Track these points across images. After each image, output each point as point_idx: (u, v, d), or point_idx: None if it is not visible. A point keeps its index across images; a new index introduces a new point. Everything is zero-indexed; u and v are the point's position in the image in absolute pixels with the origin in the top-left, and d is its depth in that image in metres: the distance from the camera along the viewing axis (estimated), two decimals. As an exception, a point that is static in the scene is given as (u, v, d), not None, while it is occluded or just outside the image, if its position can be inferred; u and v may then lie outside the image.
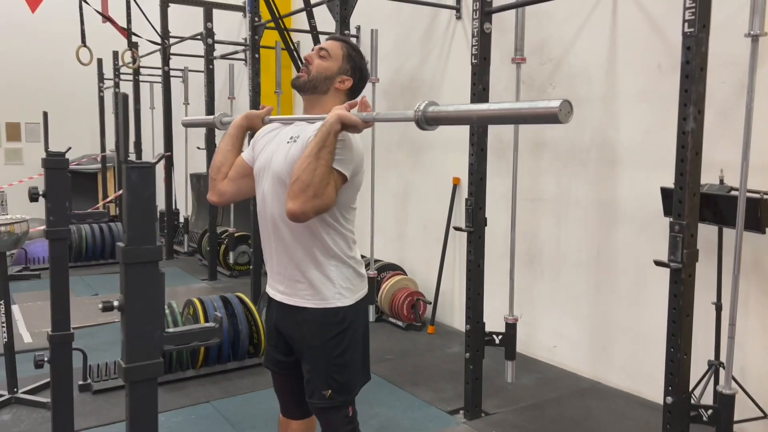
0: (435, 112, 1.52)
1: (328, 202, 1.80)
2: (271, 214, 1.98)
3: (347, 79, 2.04)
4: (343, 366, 1.99)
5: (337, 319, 1.96)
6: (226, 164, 2.11)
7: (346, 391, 2.00)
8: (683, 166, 2.28)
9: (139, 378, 1.30)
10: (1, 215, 5.44)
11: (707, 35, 2.24)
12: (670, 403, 2.36)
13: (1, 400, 3.40)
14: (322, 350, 1.97)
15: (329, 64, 2.01)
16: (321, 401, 1.97)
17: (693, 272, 2.33)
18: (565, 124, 1.23)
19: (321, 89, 2.00)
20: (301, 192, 1.75)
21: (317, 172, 1.75)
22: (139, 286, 1.29)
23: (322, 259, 1.95)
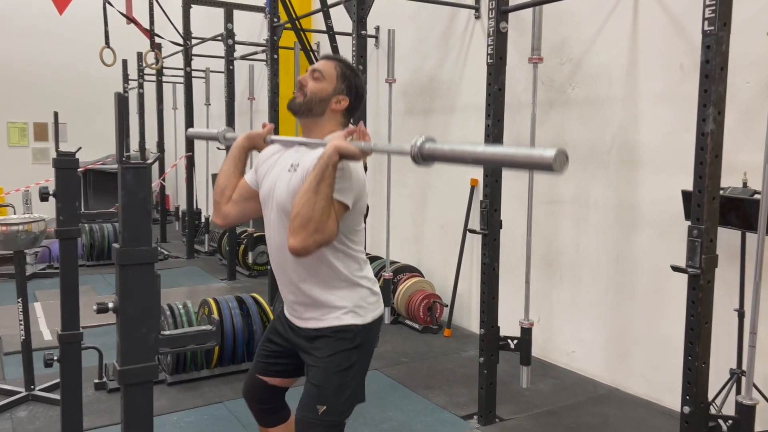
0: (431, 149, 1.50)
1: (329, 235, 1.78)
2: (279, 243, 1.97)
3: (343, 99, 2.01)
4: (344, 386, 1.93)
5: (349, 336, 1.93)
6: (229, 186, 2.11)
7: (338, 412, 1.92)
8: (702, 169, 2.20)
9: (134, 381, 1.28)
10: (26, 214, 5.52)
11: (728, 34, 2.17)
12: (687, 412, 2.28)
13: (18, 397, 3.44)
14: (329, 364, 1.92)
15: (324, 86, 1.98)
16: (313, 415, 1.89)
17: (712, 278, 2.26)
18: (560, 173, 1.20)
19: (317, 111, 1.97)
20: (302, 228, 1.73)
21: (317, 206, 1.73)
22: (134, 288, 1.27)
23: (333, 282, 1.93)
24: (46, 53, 10.51)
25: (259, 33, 7.72)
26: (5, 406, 3.36)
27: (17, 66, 10.39)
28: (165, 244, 8.32)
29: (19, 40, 10.35)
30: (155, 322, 1.29)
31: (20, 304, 3.42)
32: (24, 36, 10.36)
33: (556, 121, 4.04)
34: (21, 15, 10.29)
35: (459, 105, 4.88)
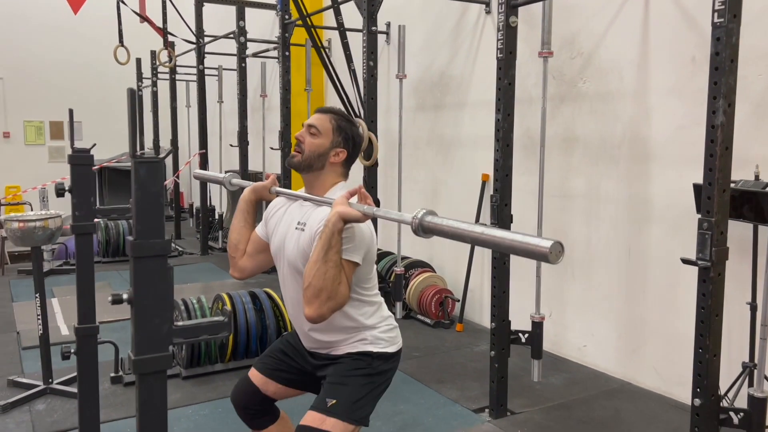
0: (431, 223, 1.55)
1: (342, 300, 1.84)
2: (292, 297, 2.05)
3: (341, 151, 2.05)
4: (357, 390, 1.96)
5: (367, 359, 1.98)
6: (242, 241, 2.17)
7: (345, 412, 1.92)
8: (712, 161, 2.20)
9: (149, 370, 1.32)
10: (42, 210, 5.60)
11: (738, 26, 2.16)
12: (698, 405, 2.29)
13: (37, 390, 3.50)
14: (347, 374, 1.97)
15: (321, 141, 2.02)
16: (323, 406, 1.92)
17: (722, 271, 2.25)
18: (555, 264, 1.25)
19: (317, 166, 2.03)
20: (315, 297, 1.80)
21: (327, 275, 1.78)
22: (148, 280, 1.30)
23: (351, 328, 1.99)
24: (62, 52, 10.63)
25: (270, 30, 7.76)
26: (24, 399, 3.42)
27: (33, 65, 10.51)
28: (179, 241, 8.39)
29: (34, 39, 10.48)
30: (168, 313, 1.32)
31: (38, 299, 3.48)
32: (39, 35, 10.48)
33: (566, 116, 4.04)
34: (36, 14, 10.41)
35: (470, 100, 4.89)
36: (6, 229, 3.40)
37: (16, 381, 3.65)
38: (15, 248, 7.23)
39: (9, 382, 3.66)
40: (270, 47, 7.12)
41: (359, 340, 2.00)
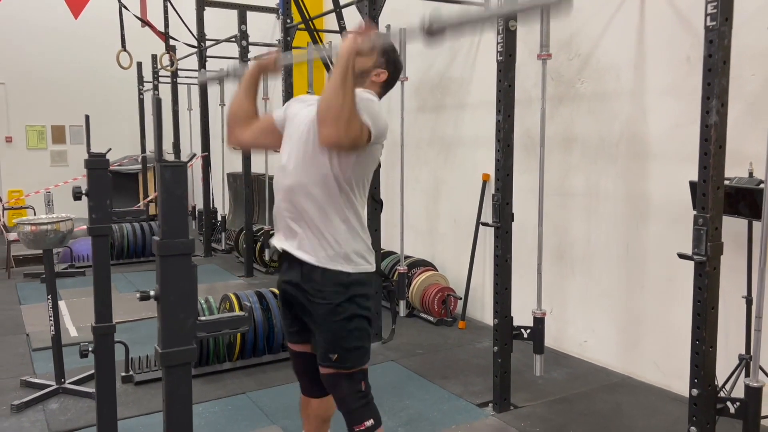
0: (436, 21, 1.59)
1: (360, 138, 1.93)
2: (295, 175, 2.09)
3: (383, 72, 2.15)
4: (349, 333, 2.08)
5: (343, 284, 2.06)
6: (240, 111, 2.24)
7: (351, 359, 2.08)
8: (707, 159, 2.28)
9: (175, 363, 1.39)
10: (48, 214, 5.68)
11: (730, 28, 2.24)
12: (695, 395, 2.37)
13: (50, 390, 3.57)
14: (329, 317, 2.07)
15: (365, 59, 2.09)
16: (328, 364, 2.06)
17: (718, 265, 2.33)
18: None
19: (358, 82, 2.07)
20: (335, 119, 1.86)
21: (346, 101, 1.87)
22: (174, 277, 1.38)
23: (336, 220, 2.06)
24: (63, 57, 10.70)
25: (271, 33, 7.84)
26: (37, 399, 3.49)
27: (34, 70, 10.58)
28: (182, 243, 8.46)
29: (35, 44, 10.55)
30: (193, 308, 1.40)
31: (50, 300, 3.55)
32: (40, 40, 10.55)
33: (565, 116, 4.12)
34: (37, 19, 10.48)
35: (470, 101, 4.97)
36: (18, 233, 3.47)
37: (28, 381, 3.72)
38: (20, 252, 7.30)
39: (22, 383, 3.73)
40: (272, 51, 7.19)
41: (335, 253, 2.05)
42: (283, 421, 3.26)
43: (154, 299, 1.40)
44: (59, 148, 11.07)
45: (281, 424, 3.22)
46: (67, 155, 11.12)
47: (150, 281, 5.79)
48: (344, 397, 2.14)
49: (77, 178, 10.42)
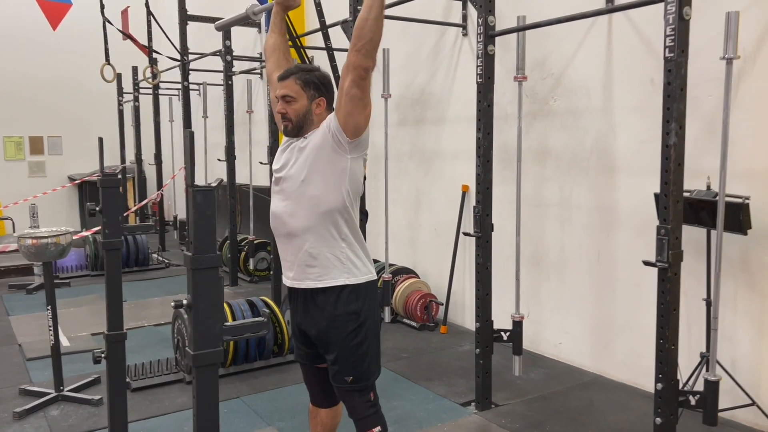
0: None
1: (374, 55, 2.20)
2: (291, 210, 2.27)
3: (320, 100, 2.32)
4: (361, 357, 2.28)
5: (351, 309, 2.26)
6: (277, 44, 2.57)
7: (363, 379, 2.29)
8: (667, 176, 2.54)
9: (205, 363, 1.58)
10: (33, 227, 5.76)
11: (686, 59, 2.50)
12: (660, 389, 2.61)
13: (49, 398, 3.70)
14: (341, 343, 2.27)
15: (300, 104, 2.27)
16: (344, 385, 2.26)
17: (678, 271, 2.59)
18: None
19: (308, 123, 2.30)
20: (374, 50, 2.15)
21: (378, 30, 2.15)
22: (204, 288, 1.57)
23: (333, 242, 2.25)
24: (41, 67, 10.72)
25: (252, 47, 8.02)
26: (38, 406, 3.62)
27: (12, 80, 10.58)
28: (164, 253, 8.56)
29: (13, 54, 10.55)
30: (220, 315, 1.59)
31: (50, 311, 3.68)
32: (18, 51, 10.56)
33: (540, 131, 4.38)
34: (15, 30, 10.49)
35: (449, 116, 5.21)
36: (20, 246, 3.60)
37: (27, 390, 3.84)
38: (1, 263, 7.34)
39: (20, 391, 3.84)
40: (256, 65, 7.36)
41: (335, 266, 2.25)
42: (277, 422, 3.44)
43: (186, 308, 1.59)
44: (37, 159, 11.06)
45: (276, 426, 3.40)
46: (45, 166, 11.11)
47: (136, 291, 5.96)
48: (355, 406, 2.34)
49: (56, 189, 10.44)
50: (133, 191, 10.78)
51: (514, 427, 3.34)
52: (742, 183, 3.25)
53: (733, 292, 3.35)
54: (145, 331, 5.12)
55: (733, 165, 3.30)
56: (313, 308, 2.30)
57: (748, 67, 3.22)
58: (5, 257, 7.48)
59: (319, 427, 2.59)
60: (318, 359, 2.44)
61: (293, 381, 3.97)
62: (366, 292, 2.32)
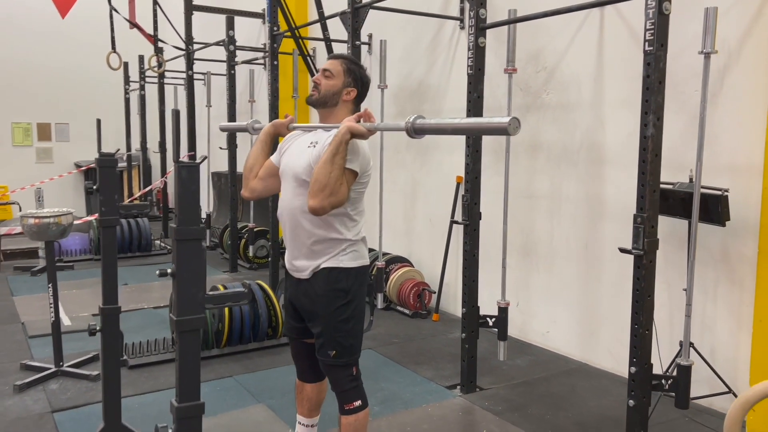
0: (421, 124, 1.92)
1: (342, 198, 2.23)
2: (291, 207, 2.40)
3: (352, 90, 2.45)
4: (347, 332, 2.39)
5: (340, 286, 2.36)
6: (256, 165, 2.55)
7: (346, 354, 2.39)
8: (644, 166, 2.62)
9: (187, 328, 1.69)
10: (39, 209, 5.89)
11: (665, 53, 2.58)
12: (633, 372, 2.71)
13: (49, 372, 3.82)
14: (328, 317, 2.37)
15: (334, 82, 2.41)
16: (327, 359, 2.37)
17: (654, 258, 2.67)
18: (514, 135, 1.61)
19: (331, 103, 2.41)
20: (320, 191, 2.17)
21: (332, 174, 2.17)
22: (187, 258, 1.67)
23: (333, 240, 2.36)
24: (49, 55, 10.85)
25: (256, 37, 8.11)
26: (38, 380, 3.74)
27: (20, 67, 10.72)
28: (167, 240, 8.69)
29: (22, 42, 10.69)
30: (202, 284, 1.70)
31: (50, 288, 3.80)
32: (27, 38, 10.70)
33: (532, 124, 4.46)
34: (24, 18, 10.62)
35: (446, 108, 5.30)
36: (22, 225, 3.72)
37: (28, 365, 3.97)
38: (7, 246, 7.48)
39: (22, 366, 3.98)
40: (258, 55, 7.45)
41: (338, 253, 2.36)
42: (268, 400, 3.55)
43: (170, 276, 1.69)
44: (44, 146, 11.20)
45: (266, 403, 3.51)
46: (53, 152, 11.26)
47: (137, 275, 6.08)
48: (338, 379, 2.44)
49: (62, 175, 10.58)
50: (138, 178, 10.92)
51: (497, 410, 3.44)
52: (724, 176, 3.33)
53: (714, 283, 3.43)
54: (144, 313, 5.24)
55: (716, 159, 3.38)
56: (306, 283, 2.41)
57: (733, 62, 3.30)
58: (11, 241, 7.63)
59: (305, 402, 2.70)
60: (306, 334, 2.54)
61: (285, 362, 4.08)
62: (357, 275, 2.43)
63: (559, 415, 3.39)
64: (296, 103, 6.21)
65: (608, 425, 3.27)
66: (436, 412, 3.41)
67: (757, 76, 3.18)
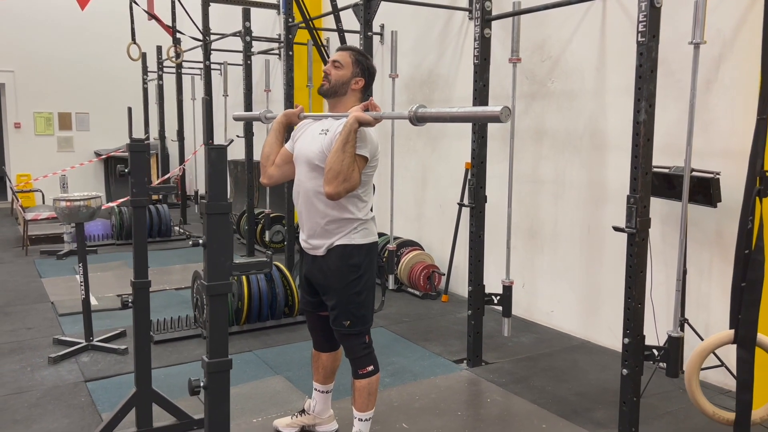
0: (422, 113, 2.12)
1: (354, 183, 2.43)
2: (305, 189, 2.60)
3: (360, 79, 2.65)
4: (359, 304, 2.59)
5: (353, 262, 2.56)
6: (273, 153, 2.75)
7: (360, 323, 2.60)
8: (637, 150, 2.80)
9: (216, 293, 1.90)
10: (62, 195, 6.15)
11: (657, 43, 2.74)
12: (627, 343, 2.89)
13: (80, 346, 4.08)
14: (342, 290, 2.57)
15: (343, 72, 2.61)
16: (342, 328, 2.57)
17: (646, 236, 2.85)
18: (506, 122, 1.81)
19: (341, 92, 2.61)
20: (334, 179, 2.38)
21: (344, 162, 2.37)
22: (216, 229, 1.88)
23: (345, 219, 2.56)
24: (69, 47, 11.14)
25: (271, 28, 8.31)
26: (70, 353, 4.00)
27: (42, 59, 11.02)
28: (186, 226, 8.95)
29: (43, 34, 10.98)
30: (230, 253, 1.90)
31: (80, 267, 4.05)
32: (48, 30, 10.99)
33: (537, 111, 4.63)
34: (45, 10, 10.91)
35: (455, 96, 5.47)
36: (55, 208, 3.96)
37: (60, 339, 4.22)
38: (33, 232, 7.77)
39: (54, 341, 4.23)
40: (274, 46, 7.64)
41: (350, 231, 2.55)
42: (285, 372, 3.78)
43: (202, 246, 1.90)
44: (65, 135, 11.52)
45: (284, 375, 3.74)
46: (73, 141, 11.57)
47: (157, 259, 6.39)
48: (352, 347, 2.65)
49: (83, 163, 10.88)
50: (156, 167, 11.19)
51: (501, 381, 3.64)
52: (718, 161, 3.49)
53: (708, 263, 3.60)
54: (166, 294, 5.49)
55: (710, 144, 3.54)
56: (321, 260, 2.62)
57: (727, 51, 3.45)
58: (36, 227, 7.93)
59: (320, 370, 2.92)
60: (320, 307, 2.76)
61: (301, 339, 4.31)
62: (368, 251, 2.64)
63: (561, 387, 3.58)
64: (310, 92, 6.40)
65: (607, 396, 3.46)
66: (443, 383, 3.62)
67: (749, 65, 3.32)
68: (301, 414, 3.01)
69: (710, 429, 3.06)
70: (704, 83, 3.55)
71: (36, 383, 3.61)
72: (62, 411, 3.26)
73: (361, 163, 2.45)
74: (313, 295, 2.75)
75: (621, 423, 2.94)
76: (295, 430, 2.99)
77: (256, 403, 3.35)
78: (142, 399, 2.91)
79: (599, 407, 3.32)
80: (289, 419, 3.02)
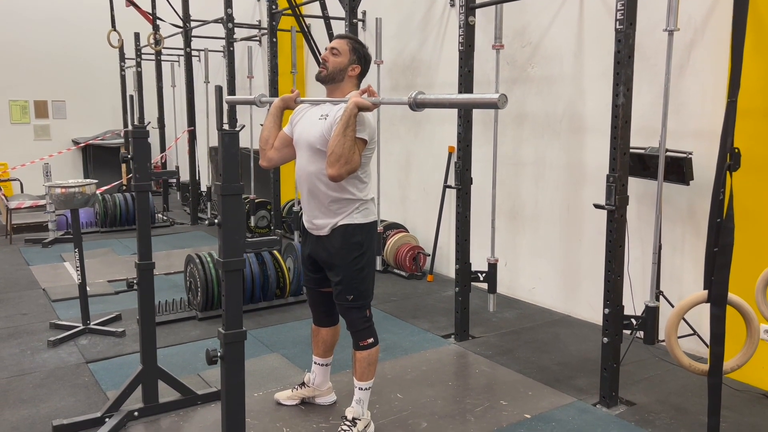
0: (422, 99, 2.25)
1: (355, 165, 2.57)
2: (308, 172, 2.73)
3: (356, 66, 2.77)
4: (362, 279, 2.74)
5: (355, 240, 2.70)
6: (271, 137, 2.87)
7: (362, 297, 2.75)
8: (616, 131, 2.98)
9: (231, 268, 2.03)
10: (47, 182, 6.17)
11: (634, 31, 2.91)
12: (607, 313, 3.09)
13: (77, 330, 4.16)
14: (346, 266, 2.72)
15: (341, 59, 2.73)
16: (345, 302, 2.72)
17: (624, 213, 3.04)
18: (502, 109, 1.95)
19: (338, 79, 2.73)
20: (336, 161, 2.51)
21: (345, 145, 2.50)
22: (230, 209, 2.01)
23: (347, 200, 2.70)
24: (44, 33, 10.99)
25: (251, 14, 8.33)
26: (68, 337, 4.09)
27: (16, 46, 10.86)
28: (168, 213, 8.99)
29: (18, 21, 10.81)
30: (243, 232, 2.03)
31: (77, 252, 4.13)
32: (23, 17, 10.83)
33: (518, 96, 4.80)
34: (19, -3, 10.75)
35: (438, 82, 5.62)
36: (50, 195, 4.02)
37: (57, 324, 4.31)
38: (17, 221, 7.76)
39: (51, 325, 4.31)
40: (256, 32, 7.68)
41: (352, 211, 2.69)
42: (281, 350, 3.92)
43: (217, 225, 2.03)
44: (42, 123, 11.39)
45: (280, 353, 3.88)
46: (50, 130, 11.45)
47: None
48: (353, 320, 2.80)
49: (61, 152, 10.81)
50: (136, 155, 11.13)
51: (488, 354, 3.83)
52: (691, 141, 3.69)
53: (681, 238, 3.82)
54: (156, 279, 5.54)
55: (683, 125, 3.75)
56: (325, 239, 2.76)
57: (698, 37, 3.64)
58: (18, 216, 7.91)
59: (320, 344, 3.07)
60: (322, 284, 2.90)
61: (293, 318, 4.45)
62: (369, 230, 2.79)
63: (544, 358, 3.78)
64: (294, 78, 6.48)
65: (587, 365, 3.67)
66: (433, 357, 3.80)
67: (719, 51, 3.52)
68: (301, 387, 3.16)
69: (684, 392, 3.29)
70: (677, 68, 3.74)
71: (38, 365, 3.70)
72: (67, 390, 3.37)
73: (361, 145, 2.59)
74: (315, 272, 2.89)
75: (602, 387, 3.15)
76: (296, 402, 3.14)
77: (256, 378, 3.49)
78: (149, 376, 3.03)
79: (580, 375, 3.53)
80: (290, 392, 3.17)
